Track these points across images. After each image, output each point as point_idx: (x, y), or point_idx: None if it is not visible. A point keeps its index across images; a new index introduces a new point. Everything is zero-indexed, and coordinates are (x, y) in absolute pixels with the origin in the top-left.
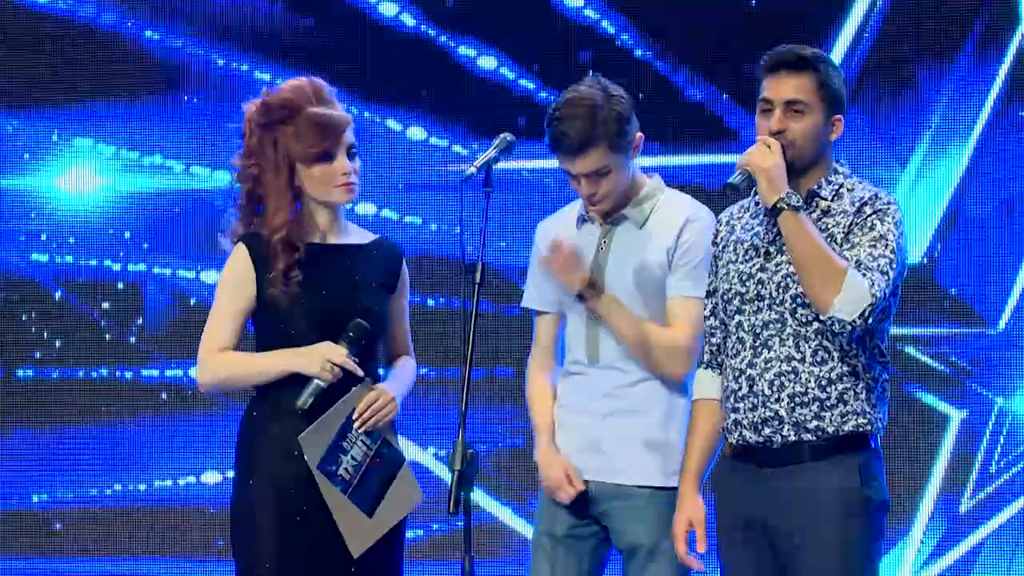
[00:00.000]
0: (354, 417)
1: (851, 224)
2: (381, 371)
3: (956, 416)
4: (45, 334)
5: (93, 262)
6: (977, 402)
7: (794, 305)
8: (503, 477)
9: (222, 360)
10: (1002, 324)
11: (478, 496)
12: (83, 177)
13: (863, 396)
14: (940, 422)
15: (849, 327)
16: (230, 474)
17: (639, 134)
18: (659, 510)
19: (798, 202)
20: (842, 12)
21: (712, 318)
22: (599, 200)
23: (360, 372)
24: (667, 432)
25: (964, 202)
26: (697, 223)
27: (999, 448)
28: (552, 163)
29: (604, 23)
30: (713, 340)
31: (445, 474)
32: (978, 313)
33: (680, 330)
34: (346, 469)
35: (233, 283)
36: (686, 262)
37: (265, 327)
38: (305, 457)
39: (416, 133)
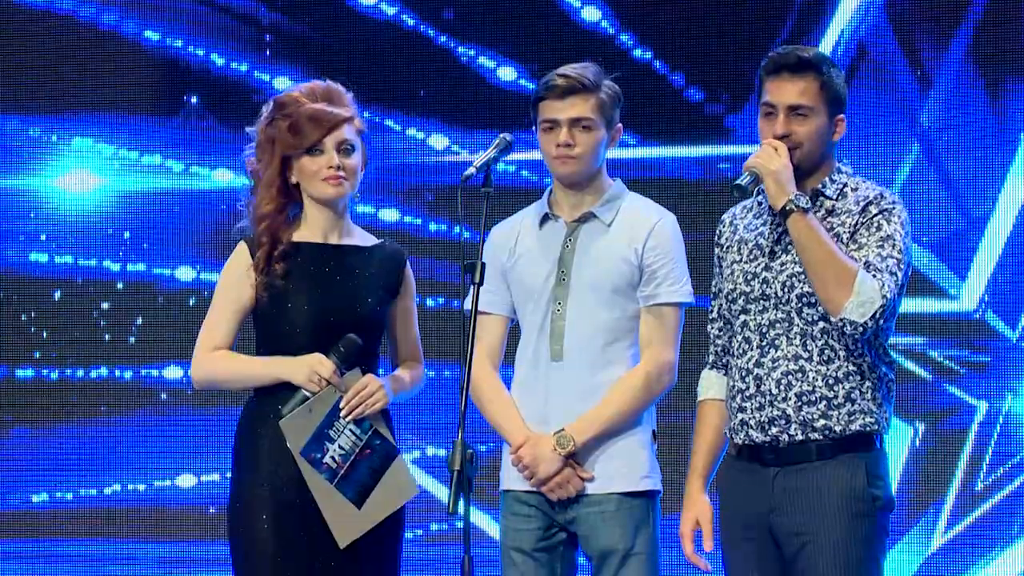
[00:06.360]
0: (341, 405)
1: (857, 224)
2: (381, 372)
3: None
4: (45, 334)
5: (93, 262)
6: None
7: (800, 304)
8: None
9: (216, 360)
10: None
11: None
12: (83, 177)
13: (869, 395)
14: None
15: (861, 329)
16: (229, 474)
17: (620, 125)
18: (631, 514)
19: (807, 204)
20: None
21: (718, 320)
22: (573, 156)
23: (343, 389)
24: (635, 435)
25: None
26: (666, 225)
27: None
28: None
29: (604, 23)
30: (719, 342)
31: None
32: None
33: (664, 345)
34: (332, 458)
35: (232, 281)
36: (660, 266)
37: (261, 325)
38: (287, 443)
39: (416, 133)
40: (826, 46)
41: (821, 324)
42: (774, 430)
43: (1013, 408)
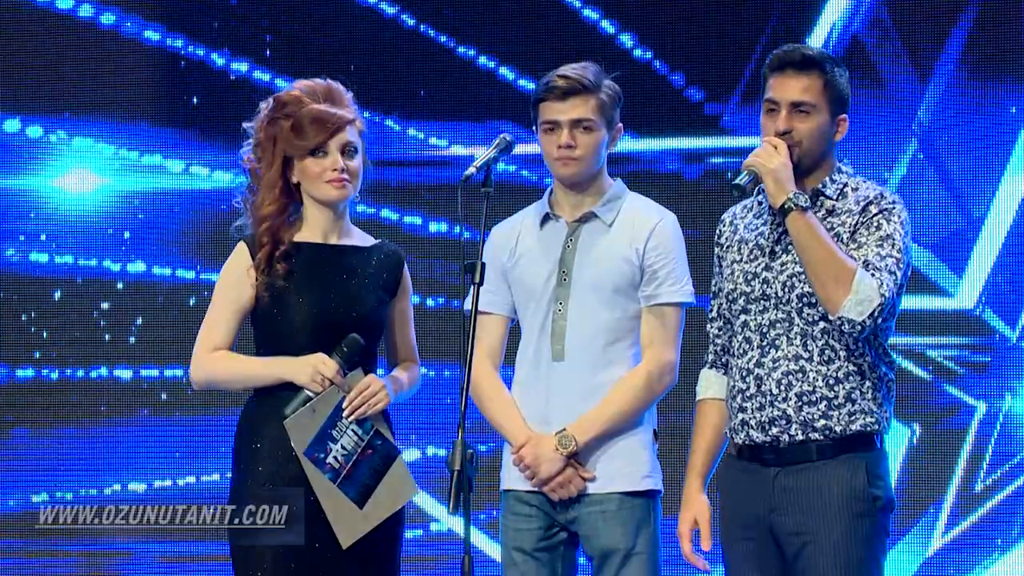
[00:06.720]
0: (344, 405)
1: (857, 223)
2: (380, 372)
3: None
4: (45, 334)
5: (93, 262)
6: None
7: (800, 304)
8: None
9: (216, 360)
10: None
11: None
12: (83, 177)
13: (869, 395)
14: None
15: (859, 327)
16: (229, 474)
17: (620, 125)
18: (632, 514)
19: (806, 202)
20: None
21: (718, 319)
22: (574, 157)
23: (346, 389)
24: (636, 435)
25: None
26: (667, 225)
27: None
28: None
29: (604, 23)
30: (718, 341)
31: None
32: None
33: (665, 345)
34: (335, 458)
35: (232, 281)
36: (661, 266)
37: (261, 325)
38: (291, 443)
39: (416, 133)
40: (820, 41)
41: (822, 324)
42: (774, 430)
43: (1013, 408)
